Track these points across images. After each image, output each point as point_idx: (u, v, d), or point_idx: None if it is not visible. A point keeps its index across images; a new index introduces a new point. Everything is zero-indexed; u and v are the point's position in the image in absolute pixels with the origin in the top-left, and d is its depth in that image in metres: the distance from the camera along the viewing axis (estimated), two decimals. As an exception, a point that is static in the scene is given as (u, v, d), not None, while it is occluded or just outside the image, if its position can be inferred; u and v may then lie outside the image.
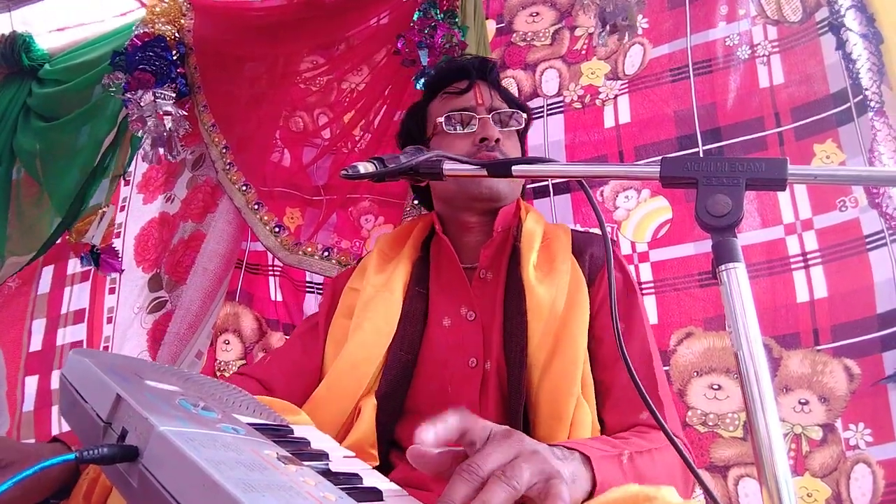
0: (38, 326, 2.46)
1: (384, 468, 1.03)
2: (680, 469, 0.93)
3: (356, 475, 0.63)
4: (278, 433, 0.67)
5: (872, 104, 1.44)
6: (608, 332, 1.06)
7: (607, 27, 1.72)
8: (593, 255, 1.16)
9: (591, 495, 0.74)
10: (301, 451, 0.63)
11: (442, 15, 1.81)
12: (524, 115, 1.27)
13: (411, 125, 1.32)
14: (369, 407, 1.05)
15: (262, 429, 0.65)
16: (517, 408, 1.01)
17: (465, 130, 1.21)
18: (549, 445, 0.73)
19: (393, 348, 1.10)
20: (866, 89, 1.45)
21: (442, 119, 1.22)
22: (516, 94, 1.91)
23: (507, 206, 1.20)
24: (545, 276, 1.10)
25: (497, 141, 1.18)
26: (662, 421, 0.72)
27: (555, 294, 1.06)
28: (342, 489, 0.53)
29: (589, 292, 1.09)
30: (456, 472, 0.57)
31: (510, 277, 1.12)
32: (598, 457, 0.76)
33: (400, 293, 1.15)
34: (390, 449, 1.07)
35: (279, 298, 2.11)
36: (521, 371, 1.02)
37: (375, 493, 0.60)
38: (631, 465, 0.84)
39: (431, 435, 0.60)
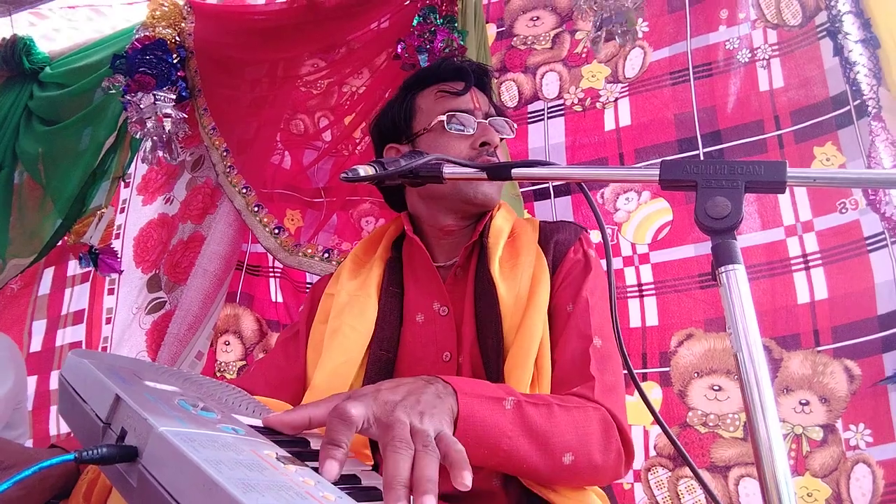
0: (39, 327, 2.47)
1: (377, 469, 1.03)
2: (598, 430, 0.93)
3: (355, 475, 0.63)
4: (278, 433, 0.67)
5: (870, 108, 1.45)
6: (559, 311, 1.08)
7: (603, 33, 1.72)
8: (559, 241, 1.17)
9: (454, 428, 0.77)
10: (300, 451, 0.63)
11: (441, 20, 1.82)
12: (515, 125, 1.28)
13: (397, 117, 1.28)
14: None
15: (261, 429, 0.65)
16: None
17: (462, 132, 1.20)
18: (430, 380, 0.77)
19: (373, 348, 1.11)
20: (864, 93, 1.46)
21: (444, 117, 1.20)
22: (516, 98, 1.91)
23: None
24: (510, 270, 1.11)
25: (495, 147, 1.19)
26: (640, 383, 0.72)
27: (518, 287, 1.08)
28: (341, 489, 0.53)
29: (552, 277, 1.11)
30: (388, 448, 0.62)
31: (479, 273, 1.13)
32: (472, 394, 0.79)
33: (374, 294, 1.17)
34: (376, 449, 1.08)
35: (279, 300, 2.11)
36: (500, 363, 1.04)
37: (374, 493, 0.60)
38: (517, 411, 0.85)
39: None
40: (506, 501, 0.99)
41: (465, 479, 0.60)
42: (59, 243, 2.43)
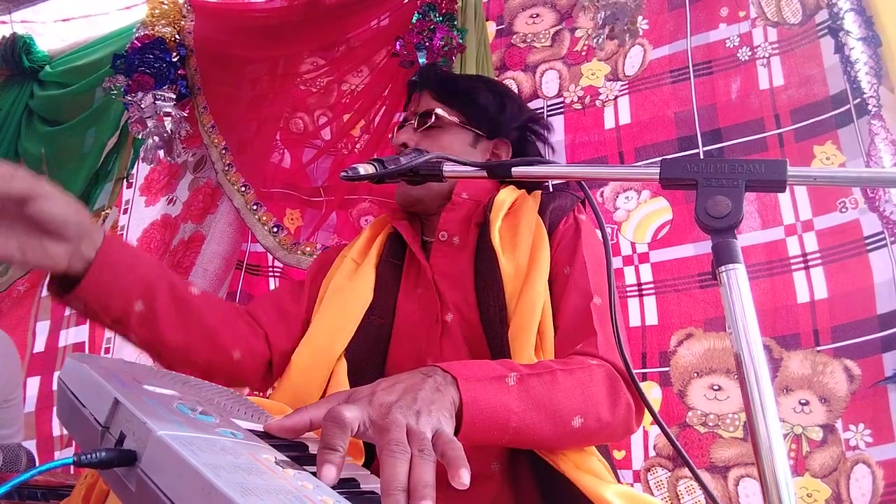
0: (42, 328, 2.47)
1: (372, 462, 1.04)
2: (604, 387, 0.93)
3: (353, 479, 0.63)
4: (276, 437, 0.67)
5: (871, 107, 1.44)
6: (558, 275, 1.10)
7: (605, 30, 1.72)
8: (555, 208, 1.20)
9: (460, 415, 0.77)
10: (299, 456, 0.63)
11: (440, 17, 1.81)
12: (438, 110, 1.26)
13: None
14: (340, 369, 1.08)
15: (260, 433, 0.65)
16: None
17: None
18: (428, 372, 0.76)
19: (367, 313, 1.14)
20: (865, 92, 1.45)
21: (391, 135, 1.33)
22: (515, 94, 1.90)
23: (451, 205, 1.22)
24: (510, 239, 1.14)
25: (404, 145, 1.23)
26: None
27: (518, 256, 1.10)
28: (340, 493, 0.53)
29: (550, 242, 1.13)
30: (385, 453, 0.61)
31: (480, 245, 1.16)
32: (472, 378, 0.79)
33: (374, 263, 1.21)
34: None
35: (279, 299, 2.11)
36: (504, 330, 1.05)
37: (373, 497, 0.60)
38: (521, 386, 0.85)
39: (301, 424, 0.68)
40: (505, 483, 1.00)
41: (463, 478, 0.60)
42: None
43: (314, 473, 0.57)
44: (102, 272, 0.86)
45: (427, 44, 1.81)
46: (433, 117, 1.26)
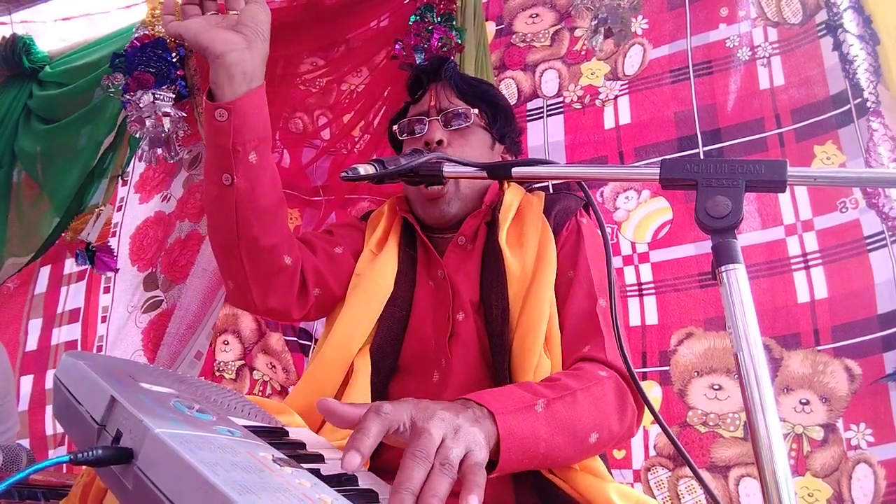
0: (35, 326, 2.46)
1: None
2: (614, 400, 0.95)
3: (352, 476, 0.63)
4: (273, 435, 0.66)
5: (869, 104, 1.44)
6: (562, 278, 1.11)
7: (601, 31, 1.72)
8: (560, 210, 1.20)
9: (498, 448, 0.77)
10: (297, 454, 0.63)
11: (438, 18, 1.81)
12: (473, 111, 1.24)
13: (390, 131, 1.35)
14: (363, 365, 1.09)
15: (257, 431, 0.65)
16: (501, 364, 1.05)
17: (417, 135, 1.23)
18: (465, 404, 0.77)
19: (388, 304, 1.15)
20: (863, 90, 1.45)
21: (396, 127, 1.27)
22: (515, 95, 1.90)
23: (472, 213, 1.21)
24: (517, 241, 1.15)
25: (440, 143, 1.19)
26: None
27: (524, 258, 1.12)
28: (338, 490, 0.53)
29: (556, 244, 1.15)
30: (408, 456, 0.62)
31: (488, 244, 1.16)
32: (506, 412, 0.80)
33: (395, 253, 1.21)
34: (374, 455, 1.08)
35: (279, 300, 2.10)
36: (506, 331, 1.06)
37: (371, 495, 0.59)
38: (548, 411, 0.86)
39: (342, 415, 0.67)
40: (503, 489, 1.00)
41: (471, 503, 0.61)
42: (57, 241, 2.43)
43: (312, 471, 0.56)
44: (257, 100, 0.98)
45: (425, 45, 1.81)
46: (468, 117, 1.23)
